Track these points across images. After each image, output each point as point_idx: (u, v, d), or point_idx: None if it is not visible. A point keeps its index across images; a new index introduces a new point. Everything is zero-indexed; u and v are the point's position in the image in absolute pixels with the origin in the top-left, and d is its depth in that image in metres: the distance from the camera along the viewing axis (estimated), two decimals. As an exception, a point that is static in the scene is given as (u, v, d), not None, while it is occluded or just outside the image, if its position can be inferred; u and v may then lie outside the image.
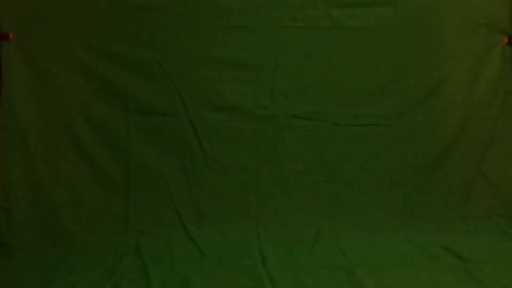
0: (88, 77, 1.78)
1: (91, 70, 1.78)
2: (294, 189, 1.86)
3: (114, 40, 1.79)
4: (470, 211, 1.90)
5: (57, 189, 1.75)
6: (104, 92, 1.79)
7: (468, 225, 1.86)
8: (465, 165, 1.92)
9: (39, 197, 1.74)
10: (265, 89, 1.86)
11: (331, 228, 1.81)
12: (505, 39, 1.94)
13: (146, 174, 1.81)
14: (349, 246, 1.70)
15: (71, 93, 1.77)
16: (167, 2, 1.79)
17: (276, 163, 1.86)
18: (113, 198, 1.79)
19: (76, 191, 1.77)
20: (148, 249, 1.66)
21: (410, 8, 1.88)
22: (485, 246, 1.70)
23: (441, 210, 1.89)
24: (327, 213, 1.85)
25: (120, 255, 1.62)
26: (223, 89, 1.83)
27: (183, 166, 1.83)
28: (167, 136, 1.82)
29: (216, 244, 1.71)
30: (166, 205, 1.80)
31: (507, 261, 1.59)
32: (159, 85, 1.81)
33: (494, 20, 1.93)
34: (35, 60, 1.75)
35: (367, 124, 1.89)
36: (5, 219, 1.69)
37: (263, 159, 1.85)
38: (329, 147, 1.87)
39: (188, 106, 1.82)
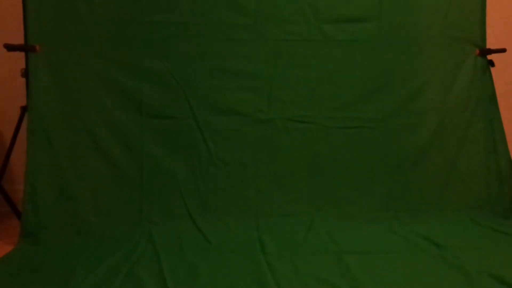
0: (107, 85, 1.79)
1: (109, 78, 1.79)
2: (289, 184, 1.87)
3: (130, 52, 1.80)
4: (445, 204, 1.92)
5: (79, 184, 1.76)
6: (120, 98, 1.80)
7: (444, 216, 1.88)
8: (441, 163, 1.94)
9: (63, 191, 1.75)
10: (264, 96, 1.87)
11: (322, 218, 1.82)
12: (477, 51, 1.98)
13: (157, 171, 1.81)
14: (338, 235, 1.71)
15: (91, 99, 1.79)
16: (177, 18, 1.81)
17: (273, 161, 1.87)
18: (128, 192, 1.79)
19: (95, 186, 1.77)
20: (159, 238, 1.67)
21: (392, 24, 1.91)
22: (458, 235, 1.72)
23: (420, 203, 1.90)
24: (319, 206, 1.87)
25: (134, 243, 1.63)
26: (226, 96, 1.85)
27: (190, 164, 1.84)
28: (177, 137, 1.83)
29: (220, 234, 1.72)
30: (176, 199, 1.81)
31: (478, 247, 1.61)
32: (169, 92, 1.82)
33: (468, 34, 1.97)
34: (59, 70, 1.76)
35: (354, 126, 1.90)
36: (32, 211, 1.69)
37: (262, 157, 1.87)
38: (320, 147, 1.89)
39: (195, 110, 1.84)
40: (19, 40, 1.76)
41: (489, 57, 1.99)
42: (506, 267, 1.43)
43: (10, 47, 1.71)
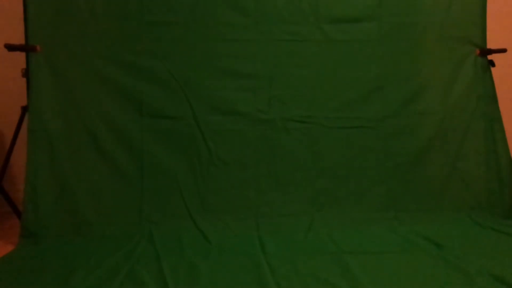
0: (107, 85, 1.79)
1: (110, 79, 1.79)
2: (289, 184, 1.87)
3: (131, 52, 1.80)
4: (445, 204, 1.91)
5: (79, 184, 1.76)
6: (121, 98, 1.80)
7: (444, 216, 1.87)
8: (441, 163, 1.93)
9: (63, 191, 1.75)
10: (264, 96, 1.87)
11: (322, 218, 1.82)
12: (477, 51, 1.98)
13: (158, 171, 1.81)
14: (338, 235, 1.71)
15: (91, 99, 1.79)
16: (177, 18, 1.81)
17: (273, 161, 1.87)
18: (129, 192, 1.79)
19: (95, 186, 1.77)
20: (160, 238, 1.67)
21: (392, 23, 1.91)
22: (458, 235, 1.72)
23: (420, 202, 1.90)
24: (319, 206, 1.87)
25: (135, 243, 1.63)
26: (226, 96, 1.85)
27: (191, 164, 1.83)
28: (177, 137, 1.83)
29: (220, 233, 1.72)
30: (176, 199, 1.81)
31: (477, 247, 1.61)
32: (170, 92, 1.82)
33: (468, 34, 1.97)
34: (60, 70, 1.76)
35: (354, 126, 1.90)
36: (33, 211, 1.69)
37: (262, 157, 1.87)
38: (320, 147, 1.88)
39: (196, 110, 1.84)
40: (20, 40, 1.77)
41: (489, 57, 1.99)
42: (506, 267, 1.43)
43: (10, 47, 1.71)
